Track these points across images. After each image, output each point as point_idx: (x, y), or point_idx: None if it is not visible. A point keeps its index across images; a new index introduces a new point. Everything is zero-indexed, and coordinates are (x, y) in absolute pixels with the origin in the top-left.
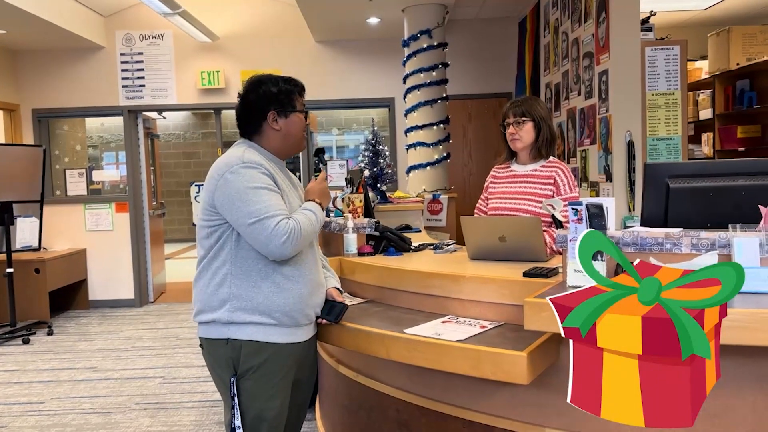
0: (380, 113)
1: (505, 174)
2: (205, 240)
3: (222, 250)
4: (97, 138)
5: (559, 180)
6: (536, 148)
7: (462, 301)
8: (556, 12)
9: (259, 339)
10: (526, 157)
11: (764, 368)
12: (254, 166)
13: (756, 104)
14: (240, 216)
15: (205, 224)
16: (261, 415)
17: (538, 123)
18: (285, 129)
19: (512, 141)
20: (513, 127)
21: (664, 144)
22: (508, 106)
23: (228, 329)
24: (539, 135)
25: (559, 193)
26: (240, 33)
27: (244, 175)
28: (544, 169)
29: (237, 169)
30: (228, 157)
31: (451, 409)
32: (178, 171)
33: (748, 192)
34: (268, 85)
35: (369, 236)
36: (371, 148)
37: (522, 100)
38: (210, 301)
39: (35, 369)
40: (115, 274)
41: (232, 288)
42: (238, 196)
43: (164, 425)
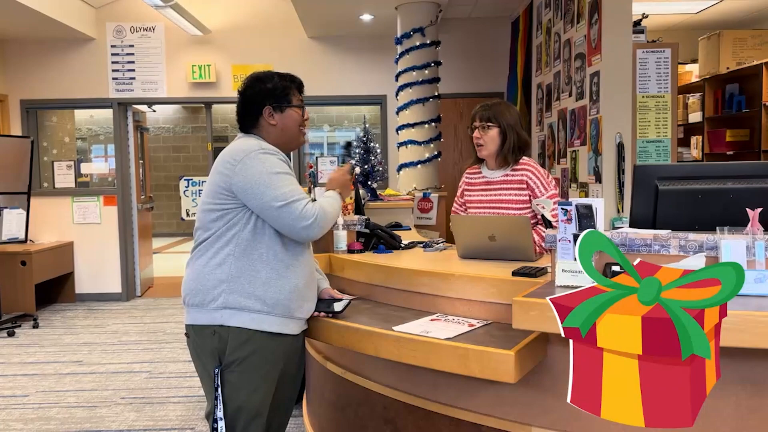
0: (372, 110)
1: (478, 180)
2: (212, 222)
3: (229, 232)
4: (86, 130)
5: (532, 183)
6: (502, 156)
7: (451, 300)
8: (549, 12)
9: (251, 327)
10: (493, 164)
11: (747, 369)
12: (273, 152)
13: (745, 108)
14: (266, 200)
15: (215, 207)
16: (243, 407)
17: (504, 130)
18: (281, 123)
19: (477, 147)
20: (478, 132)
21: (654, 146)
22: (477, 109)
23: (220, 315)
24: (505, 142)
25: (535, 196)
26: (232, 27)
27: (265, 161)
28: (515, 173)
29: (257, 154)
30: (244, 144)
31: (438, 406)
32: (168, 165)
33: (736, 195)
34: (265, 81)
35: (359, 233)
36: (362, 145)
37: (491, 104)
38: (205, 281)
39: (20, 362)
40: (102, 267)
41: (231, 269)
42: (261, 181)
43: (150, 420)
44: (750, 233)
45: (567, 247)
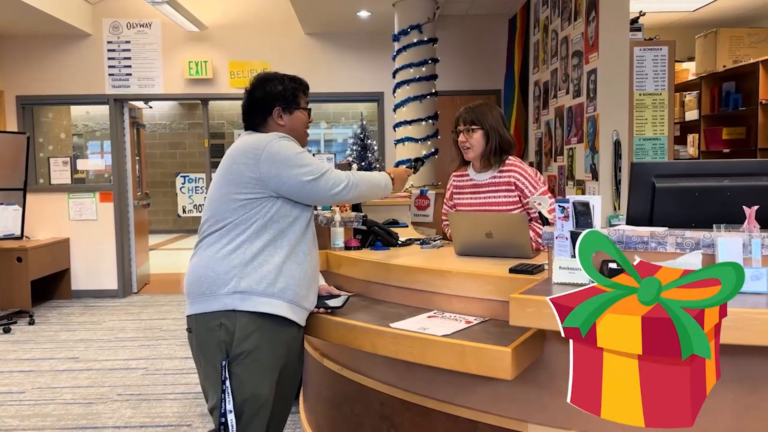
0: (369, 107)
1: (467, 183)
2: (231, 212)
3: (249, 220)
4: (82, 126)
5: (521, 184)
6: (485, 158)
7: (448, 297)
8: (546, 10)
9: (261, 310)
10: (479, 165)
11: (744, 367)
12: (289, 138)
13: (741, 106)
14: (298, 175)
15: (240, 196)
16: (249, 400)
17: (488, 132)
18: (289, 125)
19: (464, 150)
20: (463, 135)
21: (651, 144)
22: (461, 112)
23: (232, 299)
24: (488, 144)
25: (525, 196)
26: (229, 23)
27: (287, 145)
28: (502, 175)
29: (277, 141)
30: (259, 136)
31: (434, 403)
32: (164, 161)
33: (733, 193)
34: (275, 83)
35: (356, 230)
36: (359, 143)
37: (474, 107)
38: (217, 267)
39: (16, 358)
40: (98, 264)
41: (246, 255)
42: (291, 161)
43: (146, 416)
44: (746, 231)
45: (564, 244)
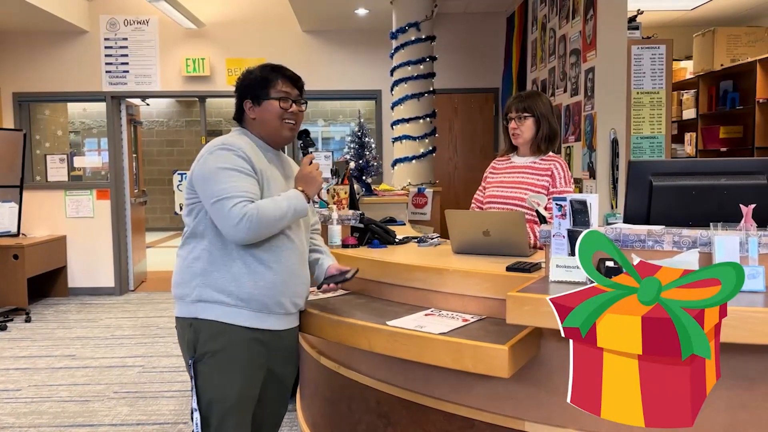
0: (367, 105)
1: (505, 165)
2: (187, 217)
3: (199, 226)
4: (79, 123)
5: (557, 173)
6: (536, 144)
7: (445, 295)
8: (544, 8)
9: (224, 320)
10: (526, 151)
11: (740, 365)
12: (231, 148)
13: (739, 105)
14: (205, 195)
15: (187, 201)
16: (216, 400)
17: (539, 119)
18: (260, 117)
19: (513, 136)
20: (515, 122)
21: (648, 142)
22: (512, 101)
23: (195, 307)
24: (539, 131)
25: (554, 185)
26: (226, 20)
27: (219, 157)
28: (543, 162)
29: (215, 150)
30: (218, 139)
31: (431, 401)
32: (161, 159)
33: (730, 191)
34: (247, 75)
35: (353, 228)
36: (357, 140)
37: (525, 95)
38: (184, 274)
39: (12, 356)
40: (95, 261)
41: (205, 264)
42: (209, 176)
43: (143, 414)
44: (743, 229)
45: (561, 242)
